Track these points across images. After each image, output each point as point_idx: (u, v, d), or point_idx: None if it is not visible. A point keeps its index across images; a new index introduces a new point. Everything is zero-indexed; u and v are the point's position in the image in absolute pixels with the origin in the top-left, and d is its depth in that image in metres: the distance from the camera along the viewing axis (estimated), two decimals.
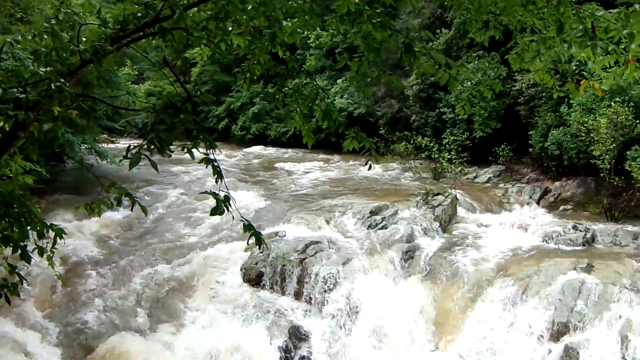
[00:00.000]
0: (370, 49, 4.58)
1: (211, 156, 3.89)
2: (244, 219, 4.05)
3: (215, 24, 4.56)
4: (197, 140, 3.87)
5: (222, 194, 3.82)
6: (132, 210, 3.96)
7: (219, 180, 3.90)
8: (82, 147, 14.18)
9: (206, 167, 3.93)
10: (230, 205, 3.86)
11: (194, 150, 3.88)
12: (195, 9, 4.57)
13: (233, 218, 4.09)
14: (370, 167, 4.84)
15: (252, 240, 4.03)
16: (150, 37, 4.18)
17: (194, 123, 3.93)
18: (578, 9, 4.55)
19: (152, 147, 3.64)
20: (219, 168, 3.97)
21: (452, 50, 23.40)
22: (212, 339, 9.11)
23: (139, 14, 4.09)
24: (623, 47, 4.59)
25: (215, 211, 3.84)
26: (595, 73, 5.41)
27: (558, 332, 8.64)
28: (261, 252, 4.49)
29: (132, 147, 3.55)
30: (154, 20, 4.03)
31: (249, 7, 4.53)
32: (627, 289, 8.86)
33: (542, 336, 8.74)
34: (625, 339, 8.18)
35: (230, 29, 4.76)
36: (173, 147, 3.82)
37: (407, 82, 24.01)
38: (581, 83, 5.48)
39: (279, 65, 5.12)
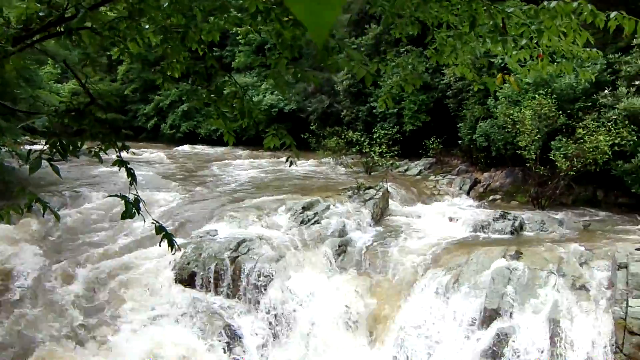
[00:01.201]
0: (285, 47, 4.54)
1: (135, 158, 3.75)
2: (155, 222, 3.95)
3: (126, 24, 4.42)
4: (105, 142, 3.73)
5: (131, 197, 3.71)
6: (43, 216, 3.78)
7: (132, 183, 3.80)
8: (2, 149, 13.62)
9: (119, 169, 3.82)
10: (140, 208, 3.75)
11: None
12: (106, 7, 4.43)
13: (144, 221, 3.99)
14: (291, 164, 4.83)
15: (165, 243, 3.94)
16: (57, 37, 4.01)
17: (100, 126, 3.79)
18: (489, 6, 4.65)
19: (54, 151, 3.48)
20: (132, 171, 3.87)
21: (380, 45, 23.65)
22: (146, 341, 8.88)
23: (41, 13, 3.92)
24: (535, 42, 4.74)
25: (125, 215, 3.75)
26: (512, 67, 5.53)
27: (489, 318, 8.78)
28: (173, 253, 4.33)
29: (32, 151, 3.38)
30: (58, 19, 3.86)
31: (165, 5, 4.42)
32: (554, 274, 9.08)
33: (473, 323, 8.87)
34: (554, 322, 8.39)
35: (147, 26, 4.63)
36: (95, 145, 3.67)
37: (338, 77, 24.11)
38: (497, 77, 5.58)
39: (198, 64, 5.02)
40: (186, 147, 26.73)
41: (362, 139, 19.10)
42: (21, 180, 10.63)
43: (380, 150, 17.85)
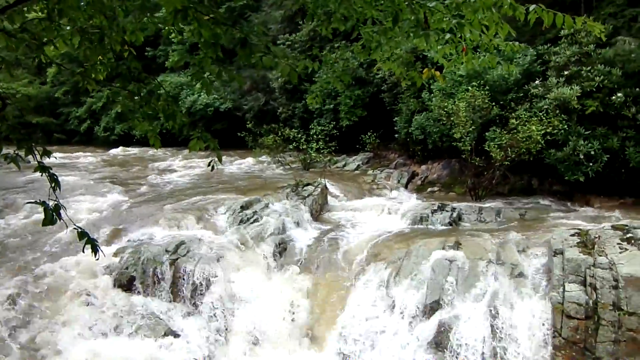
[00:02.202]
0: (207, 46, 4.43)
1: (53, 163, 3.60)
2: (76, 227, 3.80)
3: (44, 25, 4.23)
4: (22, 148, 3.56)
5: (52, 204, 3.55)
6: None
7: (56, 189, 3.64)
8: None
9: (41, 175, 3.67)
10: (61, 214, 3.60)
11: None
12: (24, 8, 4.22)
13: (67, 226, 3.85)
14: (212, 168, 4.77)
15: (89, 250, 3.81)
16: None
17: (13, 130, 3.61)
18: (411, 1, 4.67)
19: None
20: (55, 176, 3.72)
21: (315, 41, 23.60)
22: (86, 350, 8.59)
23: None
24: (459, 35, 4.79)
25: (46, 222, 3.59)
26: (440, 61, 5.58)
27: (431, 309, 8.82)
28: (97, 258, 4.22)
29: None
30: None
31: (85, 5, 4.25)
32: (492, 262, 9.20)
33: (416, 315, 8.90)
34: (494, 310, 8.49)
35: (67, 27, 4.45)
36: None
37: (272, 75, 23.98)
38: (424, 72, 5.61)
39: (121, 66, 4.85)
40: (121, 150, 26.15)
41: (299, 135, 19.04)
42: None
43: (318, 147, 17.83)
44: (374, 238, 11.02)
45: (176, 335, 9.17)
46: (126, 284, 9.96)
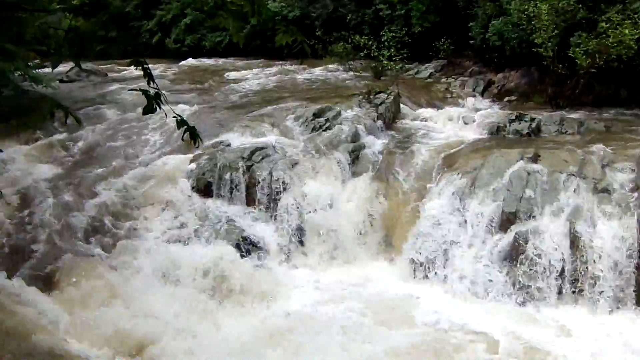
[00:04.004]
0: None
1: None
2: (177, 115, 3.77)
3: None
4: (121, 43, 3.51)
5: (152, 92, 3.51)
6: (65, 122, 3.63)
7: (150, 82, 3.60)
8: (15, 73, 13.38)
9: (135, 69, 3.65)
10: (161, 102, 3.56)
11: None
12: None
13: (166, 116, 3.81)
14: (302, 62, 4.58)
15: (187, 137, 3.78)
16: None
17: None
18: None
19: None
20: (149, 70, 3.66)
21: None
22: (165, 254, 8.87)
23: None
24: None
25: (147, 109, 3.56)
26: None
27: (507, 221, 8.66)
28: (196, 146, 4.21)
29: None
30: None
31: None
32: (574, 176, 8.88)
33: (491, 227, 8.76)
34: (573, 225, 8.25)
35: None
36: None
37: None
38: None
39: None
40: (192, 61, 26.16)
41: (370, 43, 18.55)
42: (37, 101, 10.53)
43: (389, 54, 17.34)
44: (448, 147, 10.83)
45: (251, 241, 9.37)
46: (203, 189, 10.22)
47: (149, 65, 3.82)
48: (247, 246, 9.25)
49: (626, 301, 7.85)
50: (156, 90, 3.65)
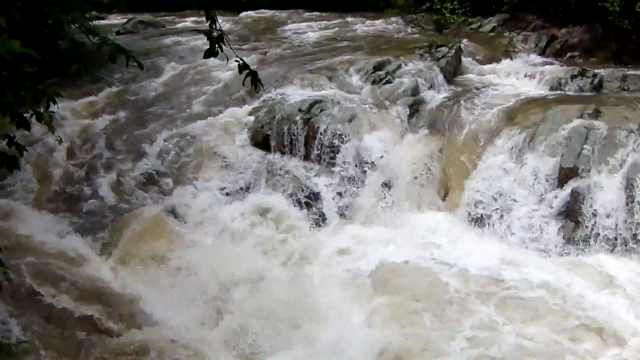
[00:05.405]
0: None
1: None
2: (239, 59, 3.90)
3: None
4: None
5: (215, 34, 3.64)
6: (127, 66, 3.78)
7: (213, 24, 3.72)
8: (72, 26, 13.59)
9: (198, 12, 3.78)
10: (223, 44, 3.69)
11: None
12: None
13: (227, 59, 3.92)
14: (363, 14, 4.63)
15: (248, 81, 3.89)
16: None
17: None
18: None
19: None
20: (213, 12, 3.79)
21: None
22: (232, 203, 9.28)
23: None
24: None
25: (209, 52, 3.70)
26: None
27: (565, 177, 8.73)
28: (257, 91, 4.30)
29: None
30: None
31: None
32: (634, 132, 8.84)
33: (549, 181, 8.85)
34: (631, 182, 8.29)
35: None
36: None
37: None
38: None
39: None
40: (250, 12, 26.12)
41: None
42: (92, 54, 10.73)
43: (452, 7, 17.11)
44: (509, 102, 10.75)
45: (311, 193, 9.60)
46: (262, 142, 10.37)
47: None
48: (307, 198, 9.47)
49: None
50: (219, 32, 3.73)
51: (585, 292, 7.38)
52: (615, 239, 8.19)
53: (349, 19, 21.16)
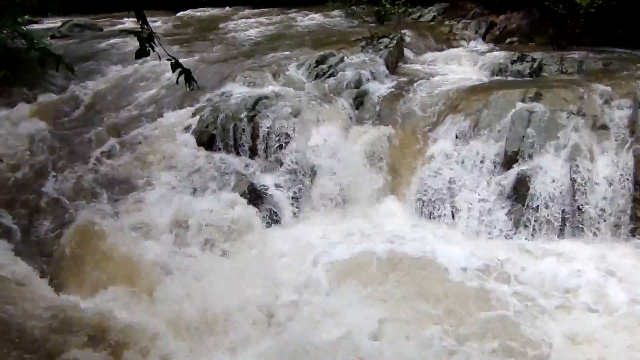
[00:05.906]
0: None
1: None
2: (171, 57, 3.83)
3: None
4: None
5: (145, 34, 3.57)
6: (57, 70, 3.64)
7: (144, 25, 3.65)
8: (3, 31, 13.09)
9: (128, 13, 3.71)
10: (155, 44, 3.63)
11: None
12: None
13: (160, 58, 3.85)
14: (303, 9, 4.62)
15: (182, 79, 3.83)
16: None
17: None
18: None
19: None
20: (142, 12, 3.71)
21: None
22: (175, 209, 8.96)
23: None
24: None
25: (140, 52, 3.63)
26: None
27: (510, 160, 8.87)
28: (191, 89, 4.23)
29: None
30: None
31: None
32: (574, 114, 9.04)
33: (495, 166, 8.97)
34: (573, 162, 8.47)
35: None
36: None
37: None
38: None
39: None
40: (190, 11, 25.76)
41: None
42: (24, 60, 10.34)
43: None
44: (452, 89, 10.84)
45: (259, 191, 9.47)
46: (207, 142, 10.17)
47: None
48: (255, 197, 9.31)
49: (620, 233, 8.24)
50: (149, 32, 3.66)
51: (539, 268, 7.68)
52: (562, 220, 8.33)
53: (292, 15, 21.06)
